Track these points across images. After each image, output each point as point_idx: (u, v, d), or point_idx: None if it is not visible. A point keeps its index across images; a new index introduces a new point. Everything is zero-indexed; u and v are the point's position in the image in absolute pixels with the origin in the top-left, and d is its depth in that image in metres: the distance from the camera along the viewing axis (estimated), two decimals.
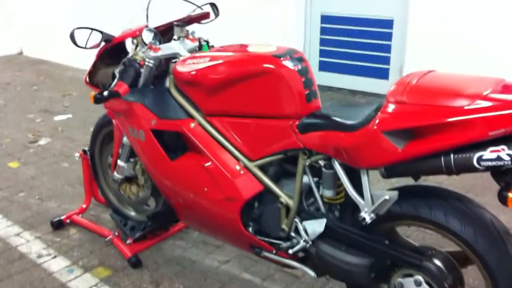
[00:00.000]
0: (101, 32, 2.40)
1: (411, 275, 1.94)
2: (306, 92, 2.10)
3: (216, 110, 2.24)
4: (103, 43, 2.45)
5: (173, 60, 2.38)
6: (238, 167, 2.21)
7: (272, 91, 2.09)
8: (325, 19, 5.51)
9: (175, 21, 2.55)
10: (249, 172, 2.20)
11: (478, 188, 3.22)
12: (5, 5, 7.79)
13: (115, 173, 2.81)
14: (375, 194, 1.90)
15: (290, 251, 2.13)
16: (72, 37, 2.35)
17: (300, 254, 2.18)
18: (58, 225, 3.12)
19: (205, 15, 2.64)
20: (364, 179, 1.93)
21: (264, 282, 2.61)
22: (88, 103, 5.36)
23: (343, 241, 2.06)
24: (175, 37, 2.50)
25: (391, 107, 1.78)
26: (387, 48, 5.18)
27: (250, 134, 2.19)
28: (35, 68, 7.31)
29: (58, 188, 3.65)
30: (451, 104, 1.66)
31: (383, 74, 5.24)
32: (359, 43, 5.33)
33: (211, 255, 2.84)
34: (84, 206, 3.21)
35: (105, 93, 2.26)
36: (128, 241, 2.83)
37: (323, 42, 5.56)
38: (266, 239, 2.26)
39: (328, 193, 2.09)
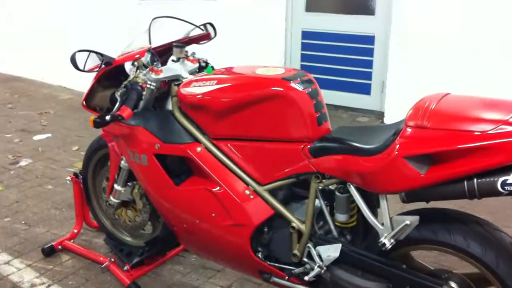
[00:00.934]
0: (101, 54, 2.33)
1: None
2: (317, 115, 2.08)
3: (224, 134, 2.20)
4: (103, 66, 2.38)
5: (176, 83, 2.33)
6: (247, 192, 2.16)
7: (283, 114, 2.06)
8: (306, 35, 5.52)
9: (174, 41, 2.50)
10: (259, 197, 2.16)
11: (498, 212, 3.23)
12: None
13: (111, 197, 2.73)
14: (395, 219, 1.88)
15: (306, 278, 2.08)
16: (73, 60, 2.27)
17: (311, 279, 2.14)
18: (49, 252, 3.01)
19: (206, 36, 2.60)
20: (383, 204, 1.91)
21: None
22: (67, 122, 5.28)
23: (358, 266, 2.03)
24: (173, 58, 2.45)
25: (411, 132, 1.77)
26: (369, 64, 5.22)
27: (260, 158, 2.15)
28: (8, 85, 7.13)
29: (44, 212, 3.53)
30: (474, 128, 1.65)
31: (366, 89, 5.28)
32: (340, 58, 5.36)
33: (211, 279, 2.78)
34: (75, 231, 3.11)
35: (107, 117, 2.18)
36: (125, 268, 2.74)
37: (304, 57, 5.57)
38: (277, 264, 2.21)
39: (342, 217, 2.06)
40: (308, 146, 2.05)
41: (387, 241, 1.89)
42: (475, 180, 1.68)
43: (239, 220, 2.16)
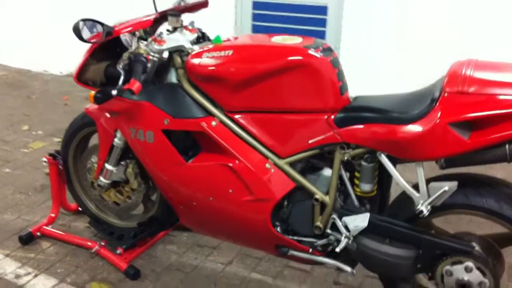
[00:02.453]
0: (101, 24, 2.14)
1: (460, 262, 1.94)
2: (340, 84, 2.03)
3: (241, 106, 2.11)
4: (104, 36, 2.18)
5: (181, 53, 2.19)
6: (268, 165, 2.09)
7: (306, 84, 2.00)
8: (257, 5, 5.42)
9: (169, 10, 2.35)
10: (280, 170, 2.09)
11: None
12: None
13: (101, 178, 2.56)
14: (432, 186, 1.88)
15: (337, 249, 2.04)
16: (76, 29, 2.07)
17: (339, 249, 2.11)
18: (27, 239, 2.79)
19: (203, 4, 2.46)
20: (420, 172, 1.90)
21: (276, 280, 2.53)
22: (8, 100, 4.91)
23: (385, 235, 2.02)
24: (169, 27, 2.31)
25: (453, 98, 1.76)
26: (322, 35, 5.21)
27: (280, 131, 2.08)
28: None
29: (8, 197, 3.27)
30: None
31: None
32: (293, 29, 5.30)
33: (210, 257, 2.70)
34: (52, 215, 2.91)
35: (113, 91, 2.03)
36: (118, 251, 2.61)
37: (255, 28, 5.47)
38: (297, 238, 2.17)
39: (367, 187, 2.05)
40: (333, 116, 2.00)
41: (424, 208, 1.89)
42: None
43: (260, 194, 2.09)
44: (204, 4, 2.47)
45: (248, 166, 2.09)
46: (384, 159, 1.95)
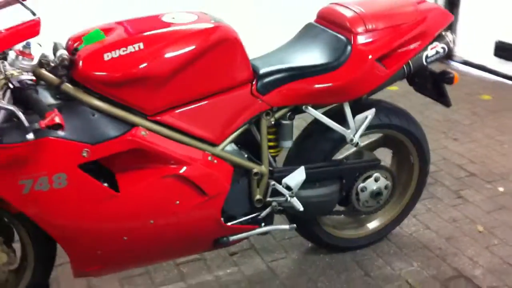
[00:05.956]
0: None
1: (369, 176, 2.28)
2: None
3: (165, 105, 1.81)
4: None
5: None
6: (210, 158, 1.91)
7: (227, 60, 1.90)
8: None
9: None
10: (219, 159, 1.94)
11: None
12: None
13: None
14: (357, 118, 2.11)
15: (286, 210, 2.06)
16: None
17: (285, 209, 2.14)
18: None
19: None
20: (348, 110, 2.10)
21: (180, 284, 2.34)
22: None
23: (315, 179, 2.17)
24: None
25: (366, 37, 2.01)
26: None
27: (210, 117, 1.91)
28: None
29: None
30: (409, 19, 2.07)
31: None
32: None
33: None
34: None
35: (30, 136, 1.47)
36: None
37: None
38: (241, 220, 2.08)
39: (288, 143, 2.12)
40: (254, 86, 1.96)
41: (356, 138, 2.12)
42: (410, 61, 2.11)
43: (212, 191, 1.90)
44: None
45: (194, 166, 1.85)
46: (311, 110, 2.06)
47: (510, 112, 4.01)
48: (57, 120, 1.47)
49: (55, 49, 1.75)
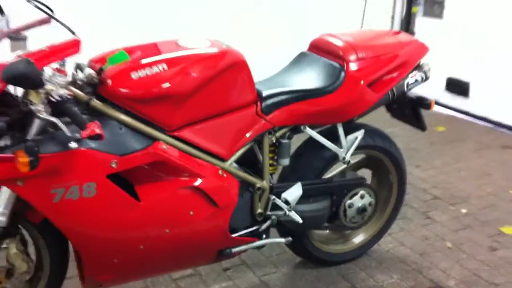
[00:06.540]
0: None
1: (355, 194, 2.48)
2: None
3: (182, 121, 1.96)
4: None
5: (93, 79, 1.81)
6: (221, 172, 2.06)
7: (237, 82, 2.07)
8: None
9: (11, 33, 1.85)
10: (228, 173, 2.10)
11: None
12: None
13: None
14: (349, 138, 2.32)
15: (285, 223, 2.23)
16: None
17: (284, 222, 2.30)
18: None
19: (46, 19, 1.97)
20: (341, 130, 2.30)
21: None
22: None
23: (308, 195, 2.34)
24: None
25: (358, 64, 2.24)
26: None
27: (221, 134, 2.06)
28: None
29: None
30: (395, 51, 2.32)
31: None
32: None
33: None
34: None
35: (72, 144, 1.60)
36: None
37: None
38: (244, 232, 2.23)
39: (285, 161, 2.29)
40: (259, 106, 2.14)
41: (347, 157, 2.33)
42: (394, 88, 2.36)
43: (222, 203, 2.05)
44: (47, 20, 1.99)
45: (208, 179, 2.00)
46: (309, 130, 2.26)
47: (463, 142, 4.35)
48: (98, 131, 1.59)
49: (80, 68, 1.89)
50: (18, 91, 1.75)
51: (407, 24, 5.16)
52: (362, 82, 2.22)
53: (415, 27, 5.18)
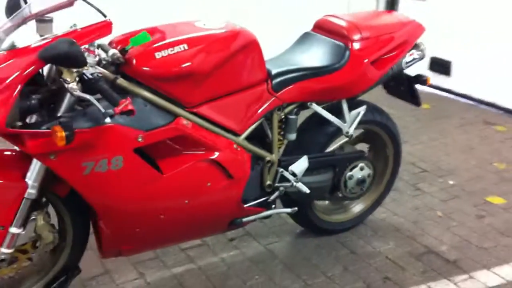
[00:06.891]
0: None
1: (355, 166, 2.63)
2: None
3: (201, 98, 2.07)
4: None
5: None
6: (235, 146, 2.19)
7: (250, 61, 2.19)
8: None
9: (38, 15, 1.93)
10: (241, 147, 2.23)
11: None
12: None
13: (2, 249, 1.92)
14: (352, 114, 2.46)
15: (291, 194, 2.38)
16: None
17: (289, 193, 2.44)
18: None
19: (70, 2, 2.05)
20: (345, 106, 2.44)
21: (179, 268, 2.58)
22: None
23: (313, 167, 2.48)
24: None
25: (362, 43, 2.38)
26: None
27: (235, 110, 2.18)
28: None
29: None
30: (395, 31, 2.46)
31: None
32: None
33: None
34: None
35: (107, 119, 1.71)
36: None
37: None
38: (253, 203, 2.36)
39: (292, 136, 2.42)
40: (269, 84, 2.27)
41: (351, 131, 2.47)
42: (393, 65, 2.50)
43: (237, 174, 2.18)
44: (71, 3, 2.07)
45: (224, 152, 2.13)
46: (315, 106, 2.39)
47: (448, 118, 4.54)
48: (130, 107, 1.70)
49: (102, 48, 1.98)
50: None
51: (392, 6, 5.29)
52: (366, 60, 2.36)
53: (399, 8, 5.32)
